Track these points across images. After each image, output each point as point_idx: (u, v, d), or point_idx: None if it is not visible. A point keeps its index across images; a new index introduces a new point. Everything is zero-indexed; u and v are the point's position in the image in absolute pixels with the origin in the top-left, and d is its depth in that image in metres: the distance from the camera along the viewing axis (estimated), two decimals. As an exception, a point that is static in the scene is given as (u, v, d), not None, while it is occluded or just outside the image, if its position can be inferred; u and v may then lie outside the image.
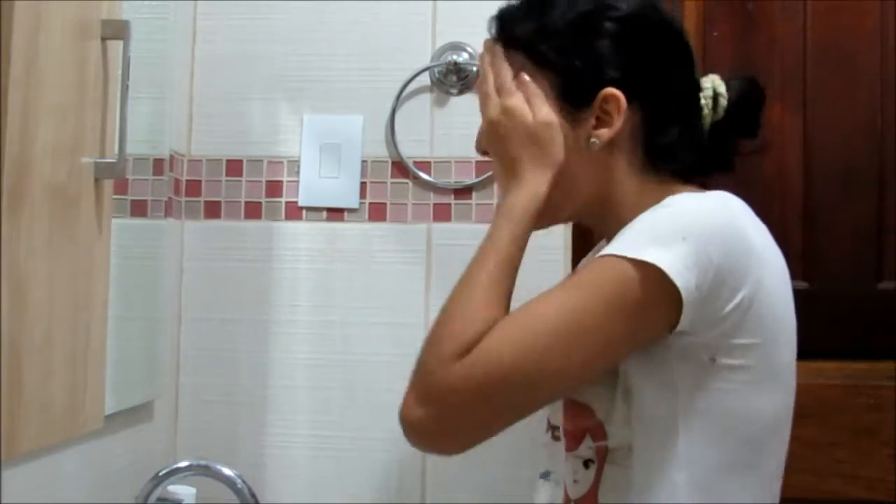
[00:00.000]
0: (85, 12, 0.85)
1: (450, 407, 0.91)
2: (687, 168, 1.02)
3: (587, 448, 0.97)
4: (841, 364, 1.54)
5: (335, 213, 1.60)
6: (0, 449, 0.73)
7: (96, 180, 0.87)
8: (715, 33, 1.60)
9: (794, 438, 1.00)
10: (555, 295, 0.92)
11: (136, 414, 1.45)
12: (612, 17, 0.99)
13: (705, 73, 1.06)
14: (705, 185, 1.02)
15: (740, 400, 0.92)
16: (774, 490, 0.98)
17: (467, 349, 0.90)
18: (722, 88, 1.04)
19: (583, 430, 0.97)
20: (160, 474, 1.32)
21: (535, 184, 0.98)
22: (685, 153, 1.02)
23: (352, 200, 1.59)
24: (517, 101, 0.99)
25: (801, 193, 1.59)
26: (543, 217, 1.01)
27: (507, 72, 1.01)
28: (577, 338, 0.89)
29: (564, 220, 1.10)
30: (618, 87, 0.98)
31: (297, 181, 1.60)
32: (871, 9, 1.59)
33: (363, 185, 1.59)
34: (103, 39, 0.88)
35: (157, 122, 1.46)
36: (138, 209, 1.42)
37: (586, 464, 0.97)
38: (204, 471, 1.33)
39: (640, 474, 0.93)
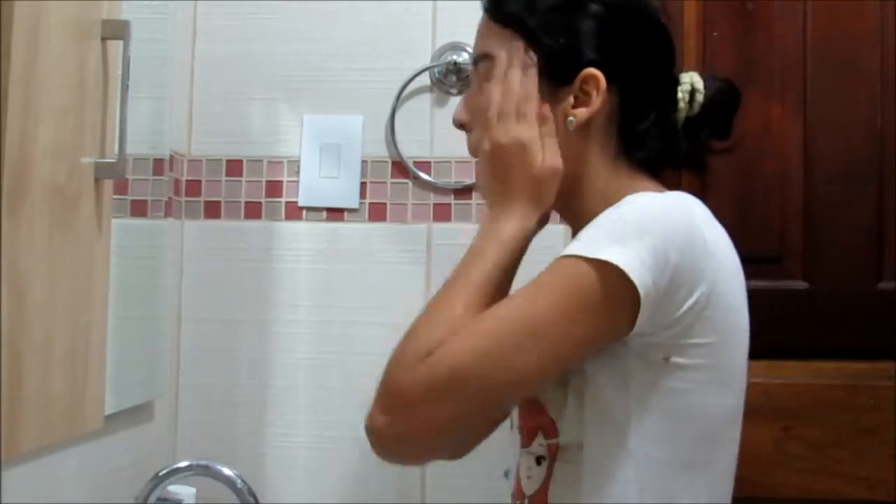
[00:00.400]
0: (85, 12, 0.85)
1: (409, 408, 0.91)
2: (658, 157, 1.03)
3: (539, 445, 0.98)
4: (841, 364, 1.54)
5: (335, 213, 1.60)
6: (0, 449, 0.73)
7: (96, 180, 0.87)
8: (715, 33, 1.60)
9: (795, 438, 1.00)
10: (515, 298, 0.93)
11: (136, 414, 1.45)
12: (599, 0, 1.00)
13: (703, 72, 1.07)
14: (676, 185, 1.03)
15: (693, 399, 0.93)
16: (727, 489, 0.98)
17: (429, 354, 0.90)
18: (699, 85, 1.05)
19: (535, 426, 0.97)
20: (160, 474, 1.32)
21: (525, 221, 0.99)
22: (657, 142, 1.02)
23: (352, 200, 1.59)
24: (533, 136, 0.99)
25: (801, 193, 1.59)
26: None
27: (533, 97, 0.99)
28: (535, 340, 0.89)
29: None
30: (598, 68, 0.99)
31: (297, 181, 1.60)
32: (871, 9, 1.59)
33: (363, 185, 1.59)
34: (103, 39, 0.88)
35: (157, 122, 1.46)
36: (138, 209, 1.42)
37: (538, 460, 0.98)
38: (204, 471, 1.34)
39: (590, 472, 0.93)
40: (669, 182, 1.05)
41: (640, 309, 0.88)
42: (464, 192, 1.57)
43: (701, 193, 0.99)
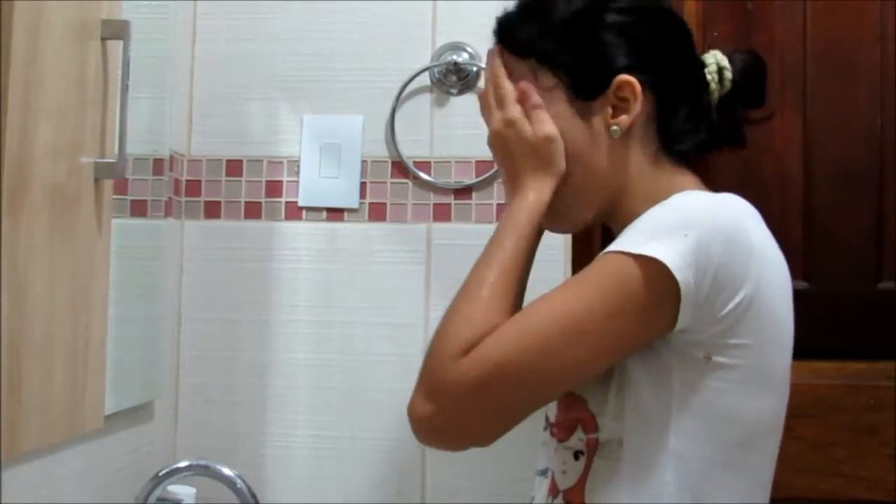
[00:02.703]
0: (85, 12, 0.85)
1: (454, 402, 0.92)
2: (700, 144, 1.04)
3: (577, 440, 0.98)
4: (841, 364, 1.54)
5: (335, 213, 1.60)
6: (0, 449, 0.73)
7: (96, 180, 0.87)
8: (715, 33, 1.60)
9: (795, 438, 1.00)
10: (557, 293, 0.93)
11: (136, 414, 1.45)
12: (613, 8, 1.01)
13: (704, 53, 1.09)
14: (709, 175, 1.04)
15: (733, 400, 0.93)
16: (763, 494, 0.98)
17: (469, 348, 0.91)
18: (725, 62, 1.06)
19: (574, 420, 0.98)
20: (160, 474, 1.32)
21: (537, 193, 1.01)
22: (697, 131, 1.04)
23: (352, 200, 1.59)
24: (516, 113, 1.02)
25: (801, 193, 1.58)
26: (562, 221, 1.05)
27: (507, 83, 1.04)
28: (578, 336, 0.90)
29: (588, 219, 1.08)
30: (628, 74, 1.00)
31: (297, 181, 1.60)
32: (871, 9, 1.59)
33: (363, 185, 1.59)
34: (103, 39, 0.88)
35: (157, 122, 1.46)
36: (138, 209, 1.42)
37: (576, 455, 0.98)
38: (204, 471, 1.33)
39: (628, 469, 0.93)
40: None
41: (680, 306, 0.88)
42: (464, 192, 1.57)
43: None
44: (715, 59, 1.06)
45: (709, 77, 1.05)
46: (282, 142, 1.61)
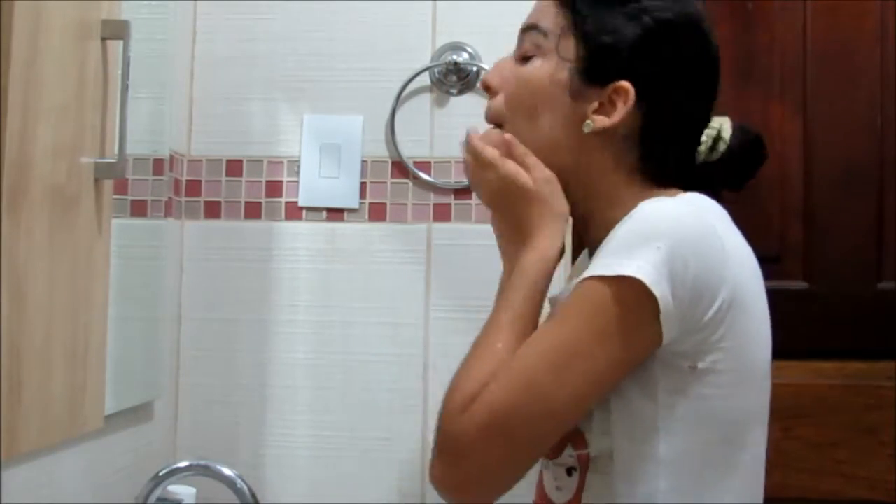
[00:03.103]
0: (85, 12, 0.85)
1: (461, 455, 0.92)
2: (674, 176, 1.02)
3: (568, 456, 0.98)
4: (841, 364, 1.55)
5: (335, 213, 1.60)
6: (0, 449, 0.73)
7: (96, 180, 0.87)
8: (715, 33, 1.60)
9: (795, 438, 1.00)
10: (545, 331, 0.94)
11: (136, 414, 1.45)
12: (655, 17, 0.99)
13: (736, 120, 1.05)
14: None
15: (718, 403, 0.93)
16: (757, 490, 0.98)
17: (472, 400, 0.91)
18: (726, 134, 1.03)
19: (563, 437, 0.97)
20: (160, 474, 1.32)
21: (549, 239, 0.99)
22: (675, 165, 1.01)
23: (352, 200, 1.59)
24: (511, 168, 1.00)
25: (801, 193, 1.59)
26: None
27: (488, 148, 1.01)
28: (569, 369, 0.90)
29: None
30: (633, 81, 0.98)
31: (297, 181, 1.60)
32: (871, 9, 1.59)
33: (363, 185, 1.59)
34: (103, 39, 0.88)
35: (157, 122, 1.46)
36: (138, 209, 1.42)
37: (569, 471, 0.98)
38: (204, 471, 1.33)
39: (621, 481, 0.93)
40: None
41: (661, 320, 0.88)
42: (464, 192, 1.57)
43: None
44: (719, 126, 1.03)
45: (704, 138, 1.02)
46: (282, 142, 1.61)
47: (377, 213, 1.59)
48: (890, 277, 1.57)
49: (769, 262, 1.58)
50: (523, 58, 1.03)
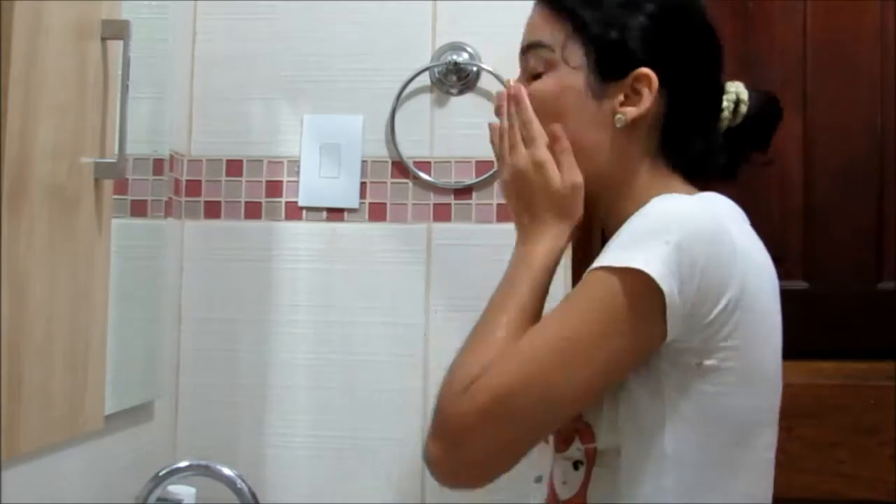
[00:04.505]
0: (85, 12, 0.85)
1: (460, 436, 0.92)
2: (697, 163, 1.03)
3: (576, 450, 0.98)
4: (841, 364, 1.55)
5: (335, 213, 1.60)
6: (0, 449, 0.73)
7: (96, 180, 0.87)
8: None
9: (795, 438, 1.00)
10: (552, 318, 0.94)
11: (136, 414, 1.45)
12: (658, 2, 1.00)
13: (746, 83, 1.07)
14: (705, 188, 1.02)
15: (726, 401, 0.93)
16: (764, 486, 0.98)
17: (472, 383, 0.91)
18: (744, 96, 1.05)
19: (571, 431, 0.97)
20: (160, 474, 1.32)
21: (556, 239, 1.00)
22: (700, 148, 1.03)
23: (352, 200, 1.59)
24: (547, 157, 1.00)
25: (801, 193, 1.59)
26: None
27: (536, 122, 1.01)
28: (575, 358, 0.90)
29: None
30: (651, 68, 0.99)
31: (297, 181, 1.60)
32: (871, 9, 1.59)
33: (363, 185, 1.59)
34: (103, 39, 0.88)
35: (157, 122, 1.46)
36: (138, 209, 1.42)
37: (576, 465, 0.98)
38: (204, 471, 1.33)
39: (627, 477, 0.93)
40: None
41: (666, 315, 0.88)
42: (464, 192, 1.57)
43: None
44: (735, 90, 1.05)
45: (725, 104, 1.04)
46: (282, 142, 1.61)
47: (377, 213, 1.59)
48: (890, 277, 1.57)
49: (769, 262, 1.59)
50: (533, 77, 1.04)
